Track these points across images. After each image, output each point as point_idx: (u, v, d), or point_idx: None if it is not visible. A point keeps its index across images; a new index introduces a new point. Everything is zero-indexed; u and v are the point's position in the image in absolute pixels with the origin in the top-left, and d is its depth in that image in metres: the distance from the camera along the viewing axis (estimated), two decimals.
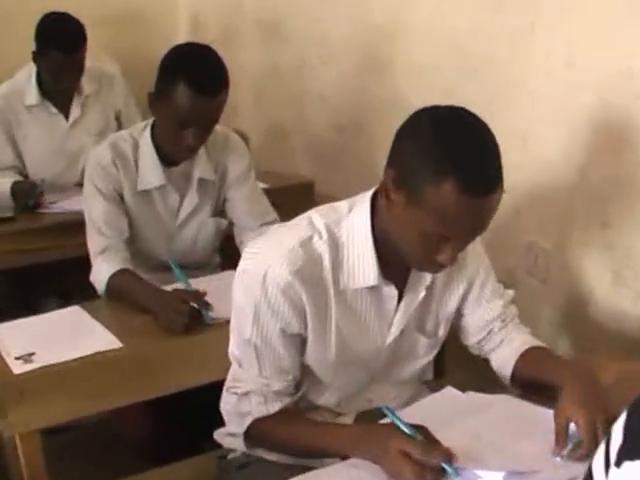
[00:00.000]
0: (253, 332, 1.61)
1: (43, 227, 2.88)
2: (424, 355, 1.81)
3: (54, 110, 3.25)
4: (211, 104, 2.23)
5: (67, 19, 3.05)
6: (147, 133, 2.41)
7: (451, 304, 1.79)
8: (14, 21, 4.16)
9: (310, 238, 1.60)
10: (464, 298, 1.81)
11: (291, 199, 3.11)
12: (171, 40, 4.83)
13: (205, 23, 4.49)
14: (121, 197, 2.42)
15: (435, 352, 1.83)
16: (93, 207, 2.39)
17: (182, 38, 4.75)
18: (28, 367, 1.88)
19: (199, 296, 2.12)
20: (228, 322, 1.71)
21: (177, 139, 2.27)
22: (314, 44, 3.54)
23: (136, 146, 2.42)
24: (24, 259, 2.82)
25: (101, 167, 2.38)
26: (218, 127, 2.42)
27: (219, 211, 2.60)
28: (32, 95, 3.20)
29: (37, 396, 1.83)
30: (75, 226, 2.59)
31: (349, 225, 1.62)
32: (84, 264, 2.40)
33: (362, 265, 1.61)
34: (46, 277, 2.98)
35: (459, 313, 1.83)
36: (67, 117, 3.28)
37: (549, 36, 2.46)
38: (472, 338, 1.87)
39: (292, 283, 1.56)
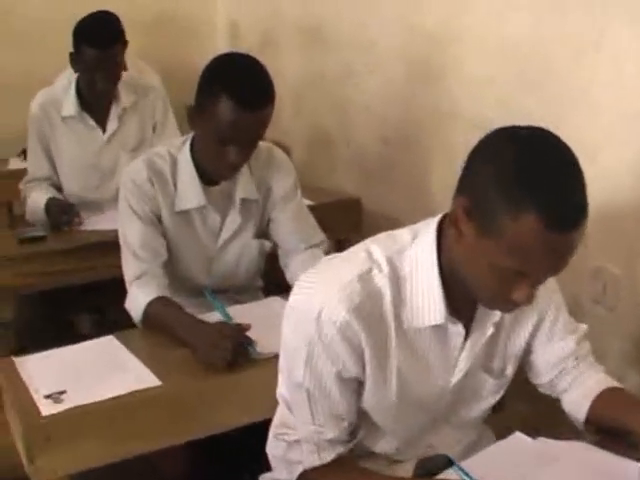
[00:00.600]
0: (305, 376, 1.48)
1: (75, 247, 2.74)
2: (489, 396, 1.67)
3: (91, 122, 3.12)
4: (256, 119, 2.07)
5: (103, 16, 2.98)
6: (186, 149, 2.26)
7: (520, 341, 1.64)
8: (50, 29, 4.08)
9: (369, 271, 1.46)
10: (534, 334, 1.66)
11: (336, 217, 2.97)
12: (208, 47, 4.75)
13: (243, 29, 4.37)
14: (158, 218, 2.27)
15: (502, 392, 1.68)
16: (128, 229, 2.24)
17: (220, 45, 4.64)
18: (58, 408, 1.72)
19: (243, 331, 1.95)
20: (275, 357, 1.62)
21: (219, 156, 2.11)
22: (359, 51, 3.38)
23: (174, 163, 2.26)
24: (55, 280, 2.69)
25: (136, 186, 2.23)
26: (261, 142, 2.26)
27: (262, 232, 2.43)
28: (70, 106, 3.07)
29: (67, 440, 1.70)
30: (109, 246, 2.47)
31: (412, 257, 1.47)
32: (118, 284, 2.26)
33: (427, 301, 1.46)
34: (80, 296, 2.87)
35: (528, 350, 1.68)
36: (104, 130, 3.15)
37: (619, 45, 2.27)
38: (542, 377, 1.72)
39: (350, 322, 1.42)
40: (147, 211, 2.23)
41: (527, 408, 2.22)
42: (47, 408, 1.72)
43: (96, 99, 3.07)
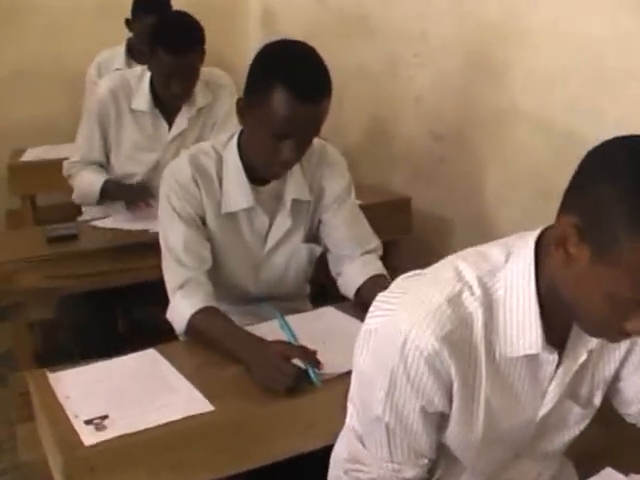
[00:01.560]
0: (386, 409, 1.31)
1: (109, 247, 2.56)
2: (575, 426, 1.49)
3: (161, 118, 2.96)
4: (314, 112, 1.87)
5: (183, 19, 2.78)
6: (233, 146, 2.07)
7: (609, 367, 1.45)
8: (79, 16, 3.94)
9: (459, 294, 1.28)
10: (625, 360, 1.47)
11: (385, 217, 2.77)
12: (239, 39, 4.57)
13: (280, 19, 4.16)
14: (202, 220, 2.07)
15: (587, 422, 1.50)
16: (170, 232, 2.04)
17: (253, 37, 4.45)
18: (101, 437, 1.53)
19: (308, 354, 1.75)
20: (337, 377, 1.56)
21: (272, 153, 1.91)
22: (409, 41, 3.18)
23: (220, 161, 2.07)
24: (88, 283, 2.51)
25: (180, 185, 2.04)
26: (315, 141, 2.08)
27: (312, 236, 2.24)
28: (142, 100, 2.90)
29: (112, 471, 1.52)
30: (145, 247, 2.36)
31: (507, 279, 1.28)
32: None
33: (523, 329, 1.28)
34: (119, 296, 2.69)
35: (617, 377, 1.49)
36: (170, 127, 2.98)
37: None
38: (631, 407, 1.53)
39: (439, 351, 1.24)
40: (191, 213, 2.04)
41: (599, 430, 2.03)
42: (89, 437, 1.53)
43: (169, 101, 2.90)
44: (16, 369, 2.60)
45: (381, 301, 1.37)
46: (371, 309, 1.37)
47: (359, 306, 2.00)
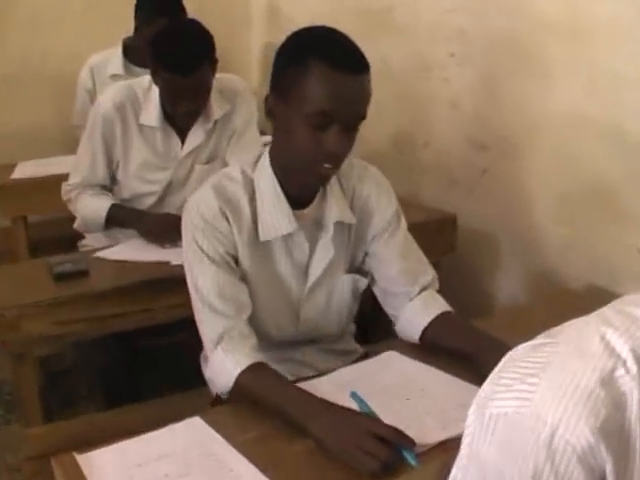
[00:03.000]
0: None
1: (127, 285, 2.22)
2: None
3: (172, 133, 2.63)
4: (356, 85, 1.59)
5: (186, 30, 2.45)
6: (265, 165, 1.76)
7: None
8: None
9: (612, 371, 0.99)
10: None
11: (428, 238, 2.45)
12: (241, 35, 4.25)
13: (286, 14, 3.84)
14: (235, 259, 1.77)
15: None
16: (200, 277, 1.73)
17: (255, 35, 4.13)
18: None
19: (399, 435, 1.44)
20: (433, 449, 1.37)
21: (315, 147, 1.61)
22: (445, 39, 2.87)
23: (250, 185, 1.77)
24: (104, 327, 2.20)
25: (206, 222, 1.72)
26: (354, 158, 1.83)
27: (356, 266, 1.93)
28: (151, 116, 2.58)
29: None
30: (165, 284, 2.10)
31: None
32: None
33: None
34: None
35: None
36: (183, 141, 2.65)
37: None
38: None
39: (594, 446, 0.95)
40: (222, 253, 1.74)
41: None
42: None
43: (181, 118, 2.58)
44: (21, 421, 2.30)
45: (510, 377, 1.08)
46: (494, 386, 1.07)
47: (427, 348, 1.82)
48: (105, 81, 3.57)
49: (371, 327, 2.35)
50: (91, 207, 2.59)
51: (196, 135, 2.62)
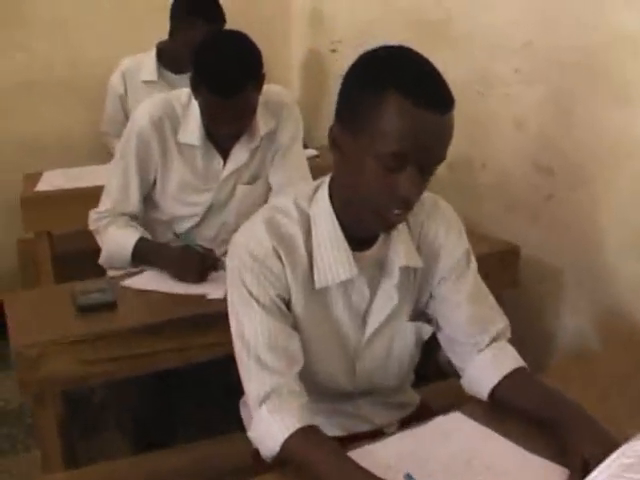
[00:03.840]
0: None
1: (159, 323, 2.00)
2: None
3: (215, 155, 2.40)
4: (439, 125, 1.37)
5: (234, 48, 2.18)
6: (324, 200, 1.54)
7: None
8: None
9: None
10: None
11: (489, 270, 2.21)
12: (283, 41, 4.02)
13: (329, 21, 3.62)
14: (287, 304, 1.55)
15: None
16: (247, 323, 1.51)
17: (297, 38, 3.91)
18: None
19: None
20: None
21: (384, 190, 1.41)
22: (508, 53, 2.63)
23: (307, 222, 1.55)
24: (131, 368, 1.98)
25: (257, 261, 1.50)
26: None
27: (419, 311, 1.70)
28: (191, 134, 2.32)
29: None
30: (204, 319, 1.90)
31: None
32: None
33: None
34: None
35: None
36: (225, 161, 2.42)
37: None
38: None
39: None
40: (274, 296, 1.51)
41: None
42: None
43: (222, 138, 2.36)
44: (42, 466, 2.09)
45: None
46: None
47: (496, 408, 1.62)
48: (138, 87, 3.38)
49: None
50: (118, 241, 2.35)
51: (240, 154, 2.39)
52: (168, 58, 3.37)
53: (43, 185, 3.08)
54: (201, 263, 2.22)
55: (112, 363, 1.95)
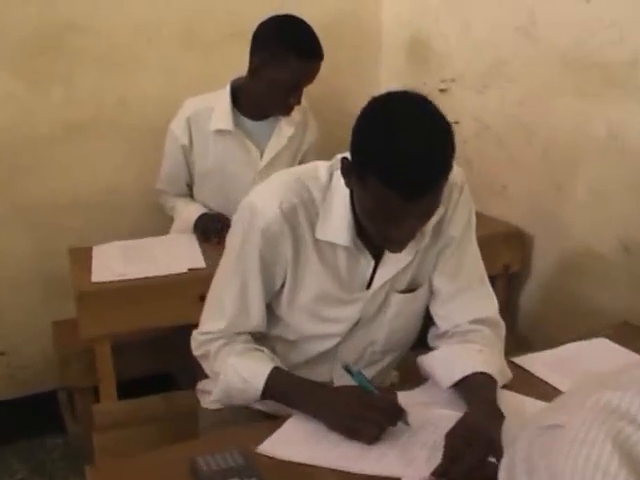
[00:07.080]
0: None
1: None
2: None
3: (366, 257, 1.72)
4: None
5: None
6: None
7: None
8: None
9: None
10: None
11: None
12: (369, 72, 3.38)
13: (436, 51, 3.00)
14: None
15: None
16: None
17: (389, 72, 3.29)
18: None
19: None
20: None
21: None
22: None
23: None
24: None
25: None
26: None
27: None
28: (338, 228, 1.69)
29: None
30: None
31: None
32: None
33: None
34: None
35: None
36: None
37: None
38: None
39: None
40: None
41: None
42: None
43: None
44: None
45: None
46: None
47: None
48: (207, 137, 2.68)
49: None
50: (242, 374, 1.67)
51: (401, 255, 1.72)
52: (247, 101, 2.70)
53: (99, 272, 2.33)
54: (383, 415, 1.55)
55: None
